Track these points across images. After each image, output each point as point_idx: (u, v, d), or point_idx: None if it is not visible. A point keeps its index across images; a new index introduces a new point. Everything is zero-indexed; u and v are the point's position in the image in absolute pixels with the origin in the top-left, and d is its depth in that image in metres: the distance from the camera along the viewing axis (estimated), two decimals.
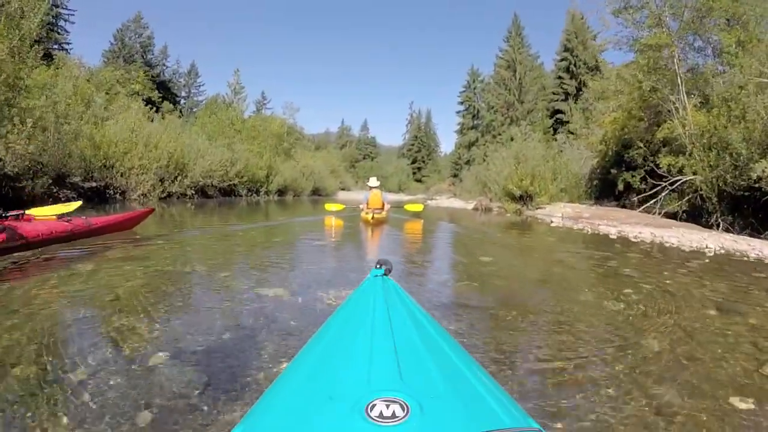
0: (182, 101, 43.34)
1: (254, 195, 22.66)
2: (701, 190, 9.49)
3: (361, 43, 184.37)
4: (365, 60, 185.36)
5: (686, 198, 9.47)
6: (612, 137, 15.53)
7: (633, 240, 7.26)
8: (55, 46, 28.39)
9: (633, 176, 14.48)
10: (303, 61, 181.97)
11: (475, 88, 42.47)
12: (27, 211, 4.41)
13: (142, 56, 39.36)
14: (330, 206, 10.76)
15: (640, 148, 13.84)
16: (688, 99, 10.90)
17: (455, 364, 0.89)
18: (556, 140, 22.23)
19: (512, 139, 17.37)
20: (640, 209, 10.29)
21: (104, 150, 14.07)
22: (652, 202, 9.87)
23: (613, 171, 15.43)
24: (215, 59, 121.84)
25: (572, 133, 27.34)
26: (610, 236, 7.79)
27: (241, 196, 21.30)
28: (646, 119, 11.86)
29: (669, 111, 10.96)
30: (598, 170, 16.54)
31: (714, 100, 10.04)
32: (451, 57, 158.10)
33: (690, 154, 10.19)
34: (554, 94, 34.87)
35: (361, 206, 9.08)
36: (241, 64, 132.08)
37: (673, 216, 9.73)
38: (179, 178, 16.48)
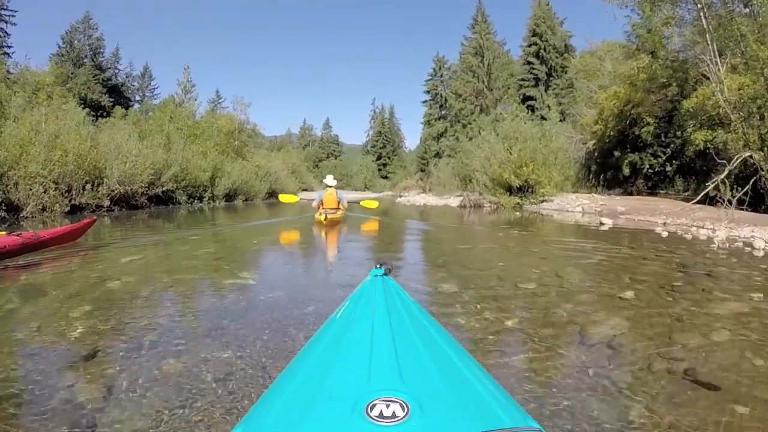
0: (136, 105, 39.56)
1: (196, 201, 19.27)
2: (763, 170, 7.42)
3: (321, 42, 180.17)
4: (325, 60, 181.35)
5: (751, 181, 7.35)
6: (611, 115, 13.52)
7: None
8: None
9: (642, 158, 12.53)
10: (262, 62, 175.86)
11: (441, 76, 40.24)
12: None
13: (92, 59, 36.10)
14: (284, 198, 12.35)
15: (649, 124, 11.86)
16: (721, 60, 8.89)
17: (455, 364, 0.88)
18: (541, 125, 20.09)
19: (497, 120, 14.93)
20: (695, 200, 8.07)
21: None
22: (710, 188, 7.64)
23: (617, 153, 13.43)
24: (170, 62, 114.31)
25: (545, 119, 25.62)
26: None
27: (180, 203, 17.90)
28: (675, 84, 9.74)
29: (702, 75, 8.89)
30: (596, 153, 14.50)
31: (760, 59, 8.00)
32: (413, 53, 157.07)
33: (735, 128, 8.15)
34: (524, 80, 33.32)
35: (314, 205, 8.58)
36: (197, 66, 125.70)
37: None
38: (89, 186, 13.05)
